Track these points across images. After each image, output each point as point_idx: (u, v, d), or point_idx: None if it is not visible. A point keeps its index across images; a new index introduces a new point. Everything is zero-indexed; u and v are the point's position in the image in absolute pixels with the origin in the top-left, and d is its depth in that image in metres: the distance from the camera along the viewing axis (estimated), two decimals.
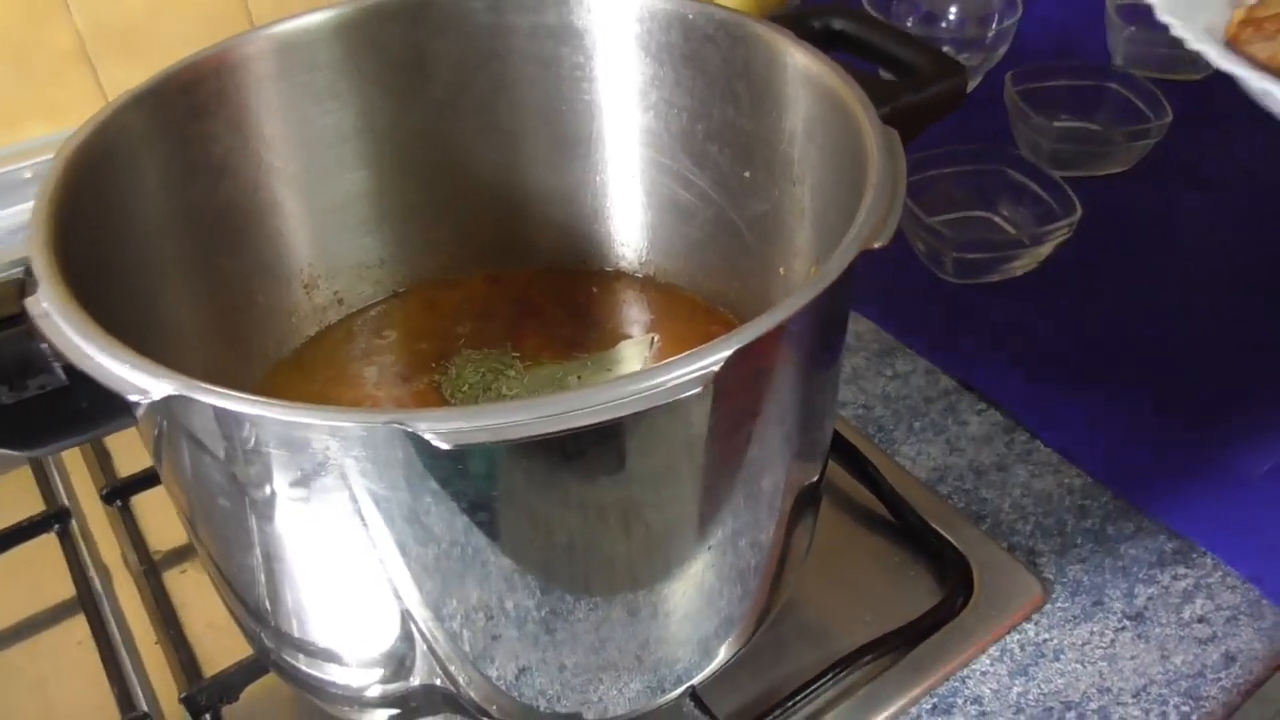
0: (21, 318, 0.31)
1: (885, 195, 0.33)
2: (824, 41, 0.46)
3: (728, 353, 0.28)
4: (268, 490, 0.30)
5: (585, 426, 0.26)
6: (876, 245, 0.31)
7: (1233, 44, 0.56)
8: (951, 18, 0.84)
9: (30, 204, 0.73)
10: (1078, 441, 0.56)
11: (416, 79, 0.48)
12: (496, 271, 0.54)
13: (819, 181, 0.42)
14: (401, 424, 0.25)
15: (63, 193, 0.35)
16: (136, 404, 0.27)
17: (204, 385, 0.27)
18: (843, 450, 0.54)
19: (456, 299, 0.54)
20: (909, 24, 0.84)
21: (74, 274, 0.33)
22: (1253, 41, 0.53)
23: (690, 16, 0.44)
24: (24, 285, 0.32)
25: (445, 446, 0.25)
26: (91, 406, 0.30)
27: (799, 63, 0.40)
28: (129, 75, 0.75)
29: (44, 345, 0.30)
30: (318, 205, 0.49)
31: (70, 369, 0.29)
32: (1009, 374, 0.60)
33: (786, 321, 0.29)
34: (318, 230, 0.49)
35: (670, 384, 0.27)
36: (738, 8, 0.75)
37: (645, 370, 0.27)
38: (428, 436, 0.25)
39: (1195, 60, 0.81)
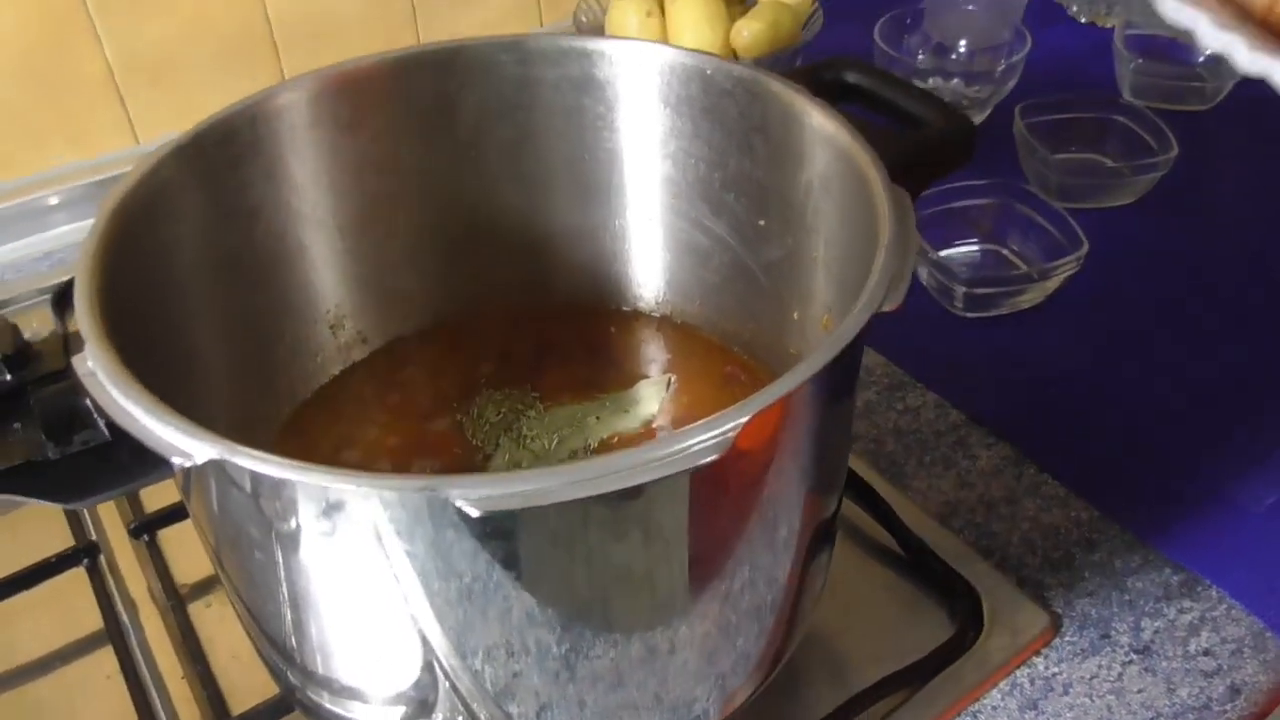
0: (67, 372, 0.32)
1: (896, 258, 0.34)
2: (836, 94, 0.47)
3: (745, 419, 0.29)
4: (300, 544, 0.31)
5: (609, 493, 0.27)
6: (887, 309, 0.32)
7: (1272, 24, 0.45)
8: (961, 50, 0.85)
9: (57, 230, 0.76)
10: (1085, 475, 0.57)
11: (444, 126, 0.49)
12: (518, 310, 0.56)
13: (832, 233, 0.43)
14: (434, 490, 0.27)
15: (107, 247, 0.36)
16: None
17: (244, 450, 0.28)
18: (855, 486, 0.55)
19: (479, 337, 0.55)
20: (920, 56, 0.85)
21: (113, 321, 0.34)
22: None
23: (709, 72, 0.45)
24: (68, 340, 0.34)
25: (475, 514, 0.26)
26: (132, 461, 0.31)
27: (814, 121, 0.41)
28: (157, 104, 0.78)
29: (89, 401, 0.31)
30: (345, 247, 0.50)
31: (113, 425, 0.30)
32: (1017, 408, 0.61)
33: (800, 386, 0.30)
34: (344, 271, 0.51)
35: (691, 450, 0.28)
36: (753, 44, 0.76)
37: (666, 439, 0.28)
38: (459, 504, 0.26)
39: (1202, 91, 0.82)
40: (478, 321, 0.55)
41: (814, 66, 0.47)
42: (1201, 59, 0.84)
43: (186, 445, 0.28)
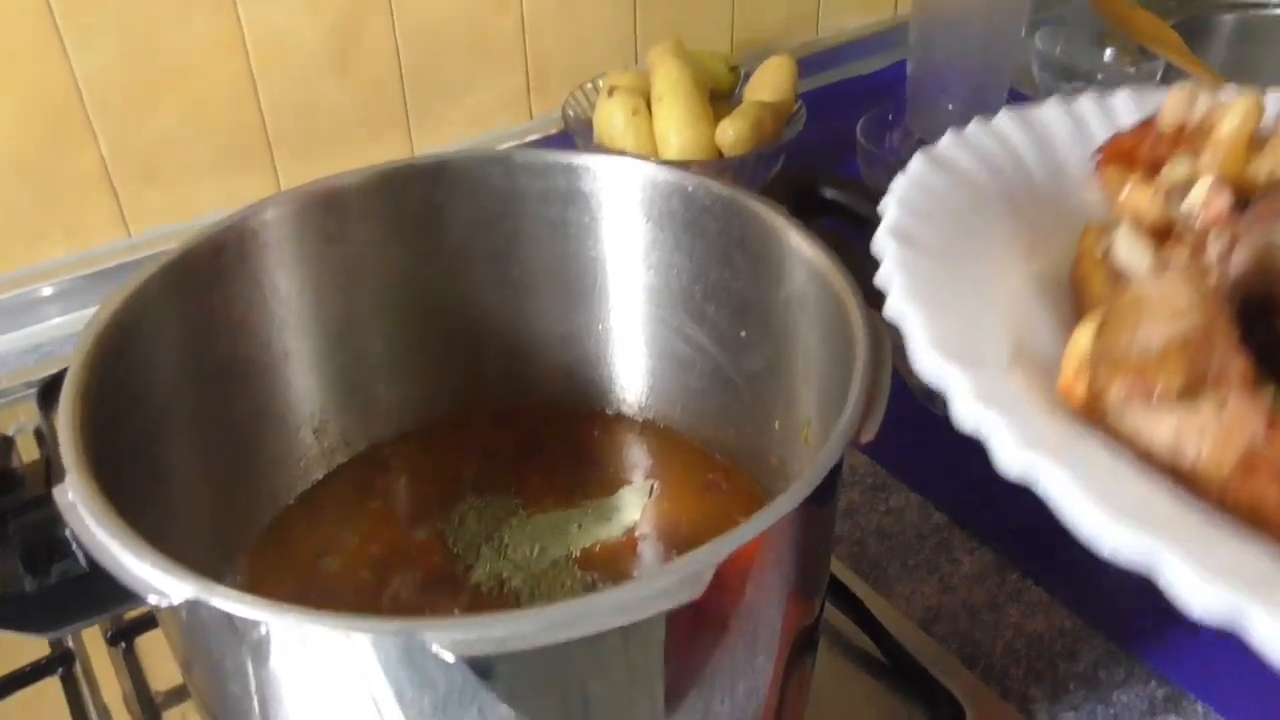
0: (48, 500, 0.32)
1: (868, 389, 0.34)
2: (816, 208, 0.48)
3: (722, 558, 0.29)
4: (275, 681, 0.31)
5: (587, 636, 0.27)
6: (864, 440, 0.33)
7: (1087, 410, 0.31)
8: None
9: (50, 321, 0.76)
10: (1067, 584, 0.57)
11: (431, 236, 0.50)
12: (502, 413, 0.56)
13: (811, 349, 0.44)
14: (410, 635, 0.27)
15: (93, 370, 0.36)
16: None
17: (221, 589, 0.28)
18: (837, 590, 0.55)
19: (463, 440, 0.56)
20: (901, 154, 0.87)
21: (96, 444, 0.34)
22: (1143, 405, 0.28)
23: (690, 189, 0.46)
24: (49, 466, 0.34)
25: (450, 659, 0.26)
26: (109, 592, 0.31)
27: (792, 241, 0.42)
28: (150, 199, 0.79)
29: (68, 531, 0.32)
30: (329, 354, 0.51)
31: (92, 558, 0.30)
32: (999, 513, 0.61)
33: (776, 522, 0.31)
34: (328, 377, 0.51)
35: (668, 591, 0.28)
36: (737, 142, 0.78)
37: (643, 579, 0.28)
38: (434, 649, 0.26)
39: None
40: (461, 425, 0.56)
41: (793, 180, 0.48)
42: None
43: (163, 584, 0.28)
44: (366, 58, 0.82)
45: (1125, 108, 0.50)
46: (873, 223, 0.47)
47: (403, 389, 0.54)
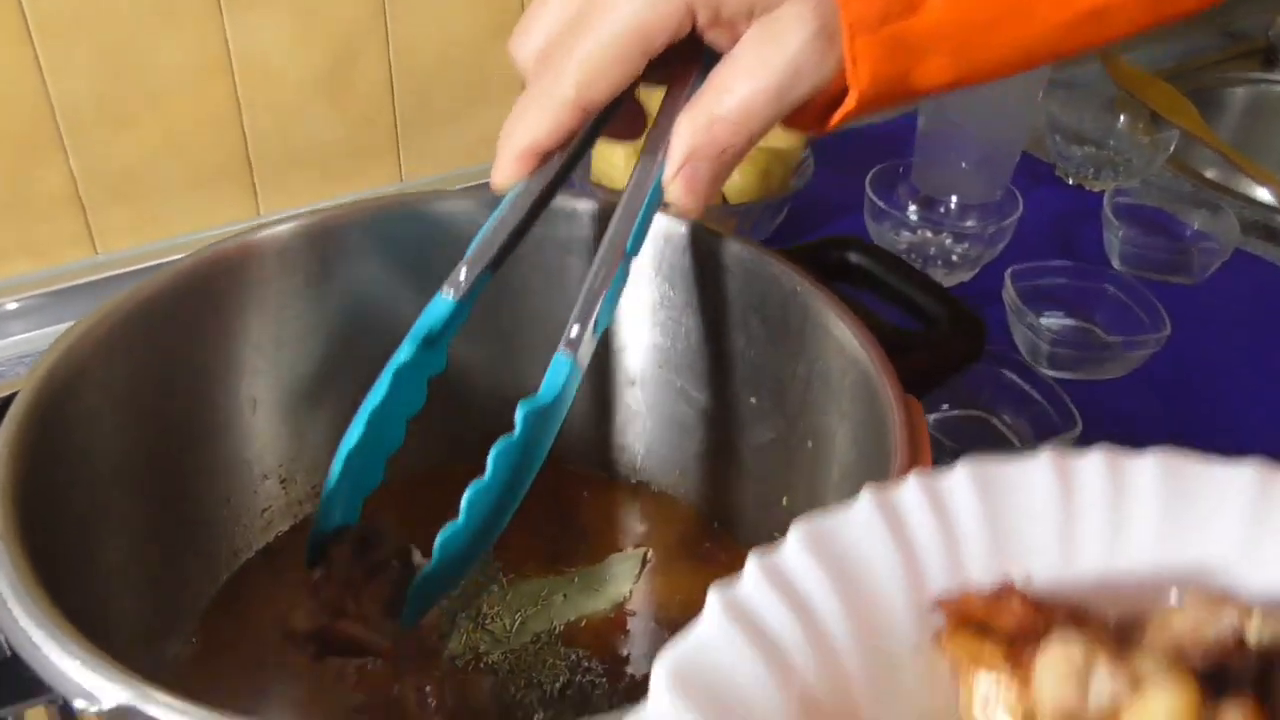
0: None
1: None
2: (838, 274, 0.45)
3: None
4: None
5: None
6: None
7: None
8: (952, 206, 0.84)
9: (11, 338, 0.72)
10: None
11: (417, 280, 0.46)
12: (481, 466, 0.52)
13: (829, 427, 0.40)
14: None
15: (29, 426, 0.32)
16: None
17: (160, 695, 0.24)
18: None
19: (440, 496, 0.51)
20: (910, 208, 0.84)
21: (26, 503, 0.30)
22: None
23: (706, 245, 0.43)
24: None
25: None
26: (31, 683, 0.27)
27: (819, 314, 0.38)
28: (120, 220, 0.74)
29: None
30: (302, 403, 0.47)
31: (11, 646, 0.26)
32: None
33: None
34: (299, 428, 0.47)
35: None
36: (744, 190, 0.75)
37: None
38: None
39: (1190, 266, 0.81)
40: (439, 481, 0.51)
41: (818, 244, 0.45)
42: (1189, 232, 0.84)
43: (93, 686, 0.24)
44: (359, 86, 0.79)
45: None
46: (902, 297, 0.44)
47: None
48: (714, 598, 0.23)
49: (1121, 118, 0.94)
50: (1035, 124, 0.91)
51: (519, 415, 0.37)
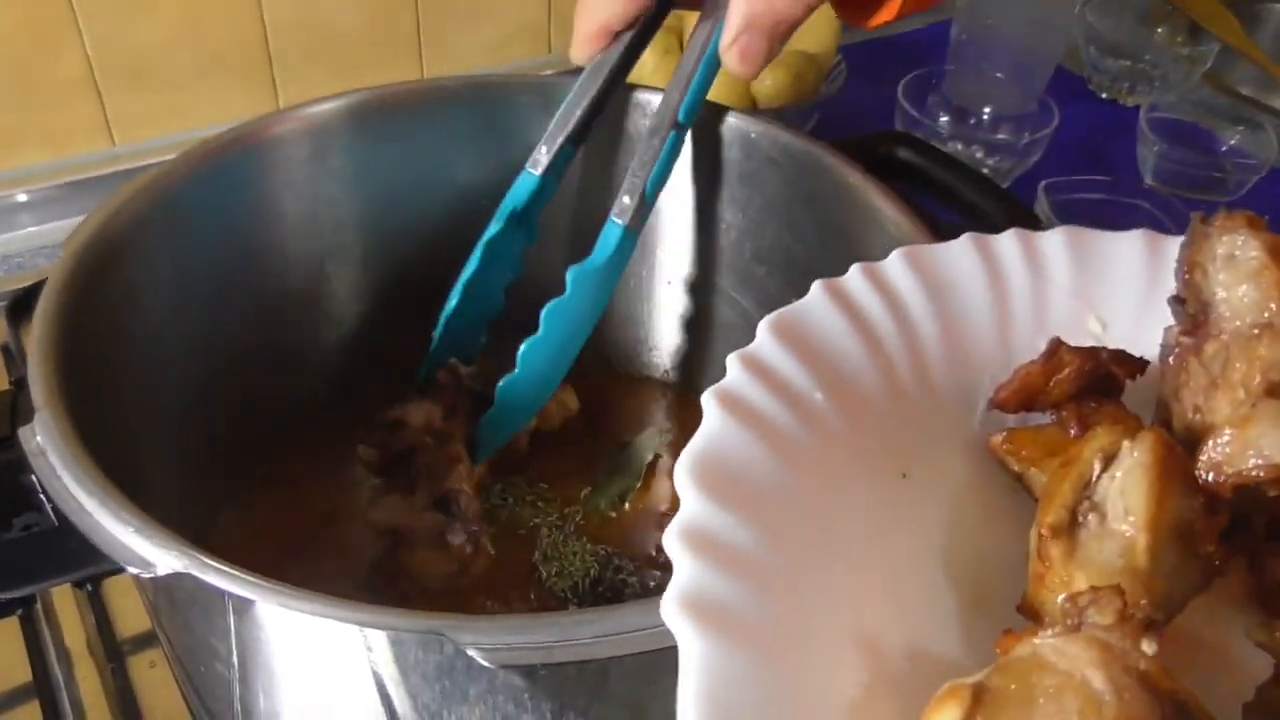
0: (12, 441, 0.28)
1: None
2: (887, 171, 0.44)
3: None
4: (268, 666, 0.27)
5: (642, 652, 0.23)
6: None
7: None
8: (985, 117, 0.83)
9: (23, 230, 0.71)
10: None
11: (457, 168, 0.45)
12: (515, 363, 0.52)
13: None
14: (441, 635, 0.22)
15: (71, 291, 0.32)
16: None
17: (216, 564, 0.24)
18: None
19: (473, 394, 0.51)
20: (942, 119, 0.82)
21: (70, 373, 0.30)
22: None
23: (753, 135, 0.41)
24: (15, 401, 0.29)
25: (487, 665, 0.22)
26: (81, 551, 0.27)
27: (875, 206, 0.37)
28: (137, 108, 0.73)
29: (34, 478, 0.27)
30: (336, 291, 0.46)
31: (62, 513, 0.26)
32: None
33: None
34: (333, 317, 0.47)
35: None
36: (775, 93, 0.73)
37: None
38: (471, 653, 0.22)
39: (1225, 183, 0.80)
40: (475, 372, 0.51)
41: (866, 139, 0.44)
42: (1225, 148, 0.82)
43: (148, 553, 0.24)
44: None
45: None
46: (954, 193, 0.42)
47: (416, 334, 0.49)
48: (708, 399, 0.25)
49: (1159, 30, 0.91)
50: (1070, 35, 0.89)
51: (568, 277, 0.39)
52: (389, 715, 0.26)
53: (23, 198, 0.71)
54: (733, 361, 0.26)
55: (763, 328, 0.27)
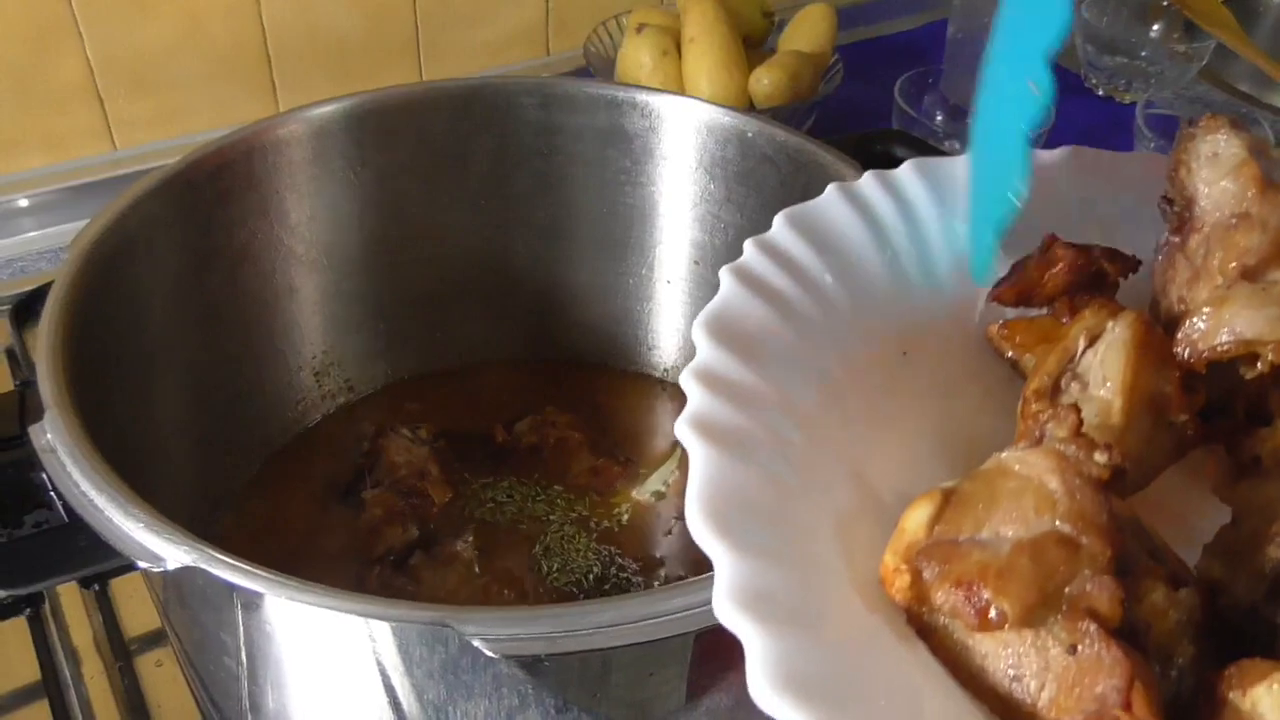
0: (22, 439, 0.28)
1: None
2: (883, 167, 0.44)
3: None
4: (276, 661, 0.27)
5: (648, 641, 0.23)
6: None
7: None
8: None
9: (25, 235, 0.71)
10: None
11: (456, 169, 0.46)
12: (514, 362, 0.52)
13: None
14: (446, 625, 0.23)
15: (79, 289, 0.32)
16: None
17: (225, 558, 0.24)
18: None
19: (470, 389, 0.51)
20: (938, 118, 0.83)
21: (79, 374, 0.30)
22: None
23: (750, 134, 0.42)
24: (24, 399, 0.30)
25: (491, 655, 0.23)
26: (91, 547, 0.27)
27: None
28: (138, 112, 0.73)
29: (45, 476, 0.27)
30: (338, 291, 0.46)
31: (72, 509, 0.26)
32: None
33: None
34: (335, 316, 0.47)
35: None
36: (773, 93, 0.73)
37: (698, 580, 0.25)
38: (475, 643, 0.23)
39: None
40: (471, 370, 0.51)
41: (863, 137, 0.44)
42: None
43: (157, 548, 0.24)
44: None
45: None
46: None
47: (414, 330, 0.50)
48: (724, 273, 0.27)
49: (1155, 26, 0.92)
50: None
51: None
52: (395, 710, 0.27)
53: (24, 202, 0.71)
54: (749, 245, 0.28)
55: (779, 219, 0.29)
